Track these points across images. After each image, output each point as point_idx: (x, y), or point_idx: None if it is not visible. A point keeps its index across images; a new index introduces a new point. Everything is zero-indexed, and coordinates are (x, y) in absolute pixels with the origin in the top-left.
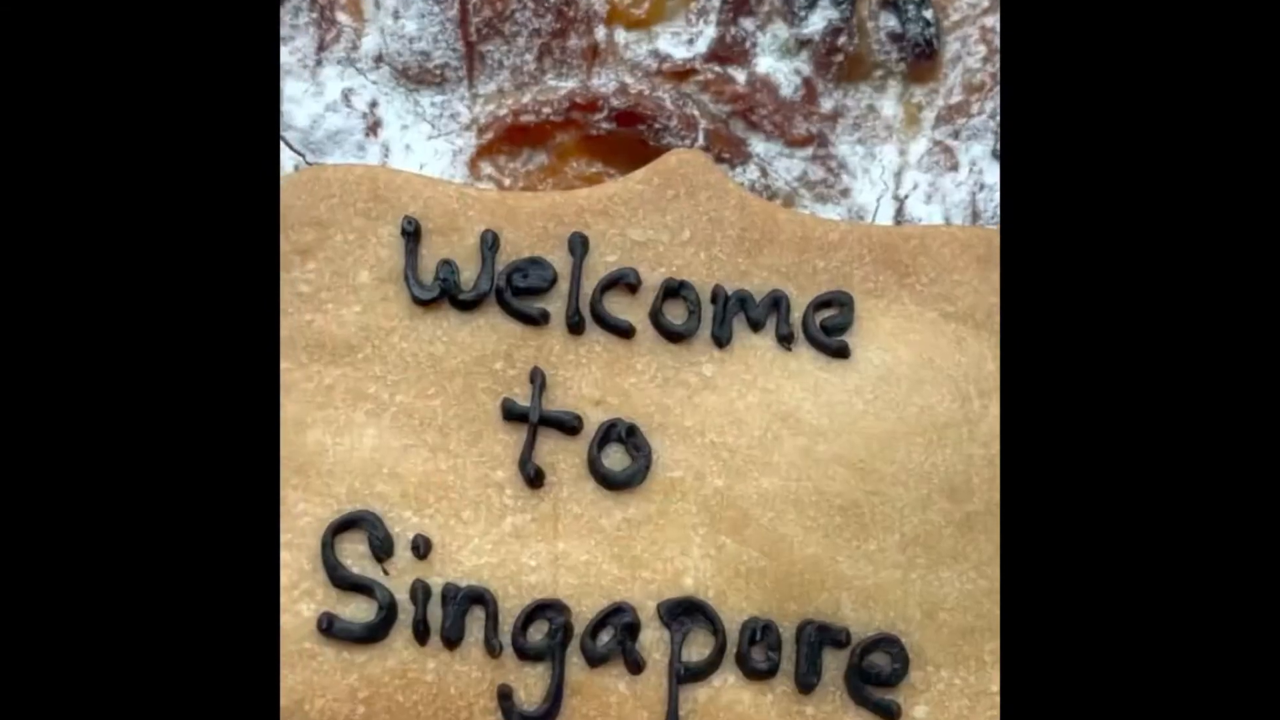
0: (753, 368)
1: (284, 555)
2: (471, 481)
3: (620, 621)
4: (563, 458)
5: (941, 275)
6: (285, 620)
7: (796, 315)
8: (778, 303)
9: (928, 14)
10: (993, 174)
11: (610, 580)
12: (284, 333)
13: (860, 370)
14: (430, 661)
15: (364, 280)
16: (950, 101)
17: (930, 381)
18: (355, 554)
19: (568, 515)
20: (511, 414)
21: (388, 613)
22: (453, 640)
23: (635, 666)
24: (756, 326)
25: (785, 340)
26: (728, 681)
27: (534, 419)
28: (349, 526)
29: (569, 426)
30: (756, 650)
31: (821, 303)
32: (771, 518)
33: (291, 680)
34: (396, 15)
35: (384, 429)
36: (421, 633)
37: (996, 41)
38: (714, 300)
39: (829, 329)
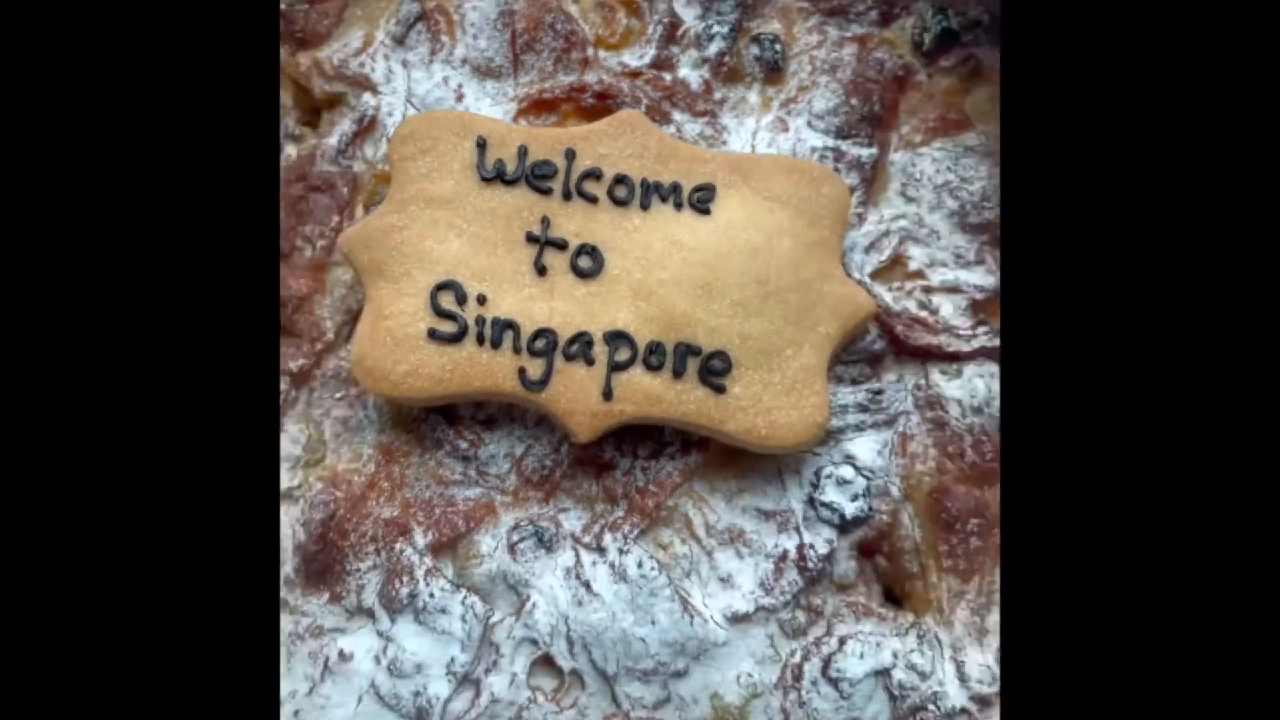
0: (659, 220)
1: (410, 303)
2: (509, 271)
3: (582, 340)
4: (556, 262)
5: (766, 179)
6: (409, 332)
7: (685, 195)
8: (676, 188)
9: (778, 46)
10: (807, 134)
11: (579, 321)
12: (409, 192)
13: (716, 221)
14: (484, 354)
15: (455, 168)
16: (789, 96)
17: (753, 228)
18: (447, 300)
19: (558, 290)
20: (530, 238)
21: (463, 329)
22: (496, 345)
23: (589, 362)
24: (664, 200)
25: (678, 206)
26: (637, 372)
27: (542, 240)
28: (444, 288)
29: (560, 245)
30: (653, 357)
31: (698, 189)
32: (665, 292)
33: (412, 359)
34: (475, 37)
35: (464, 243)
36: (480, 340)
37: (818, 62)
38: (642, 186)
39: (702, 201)
